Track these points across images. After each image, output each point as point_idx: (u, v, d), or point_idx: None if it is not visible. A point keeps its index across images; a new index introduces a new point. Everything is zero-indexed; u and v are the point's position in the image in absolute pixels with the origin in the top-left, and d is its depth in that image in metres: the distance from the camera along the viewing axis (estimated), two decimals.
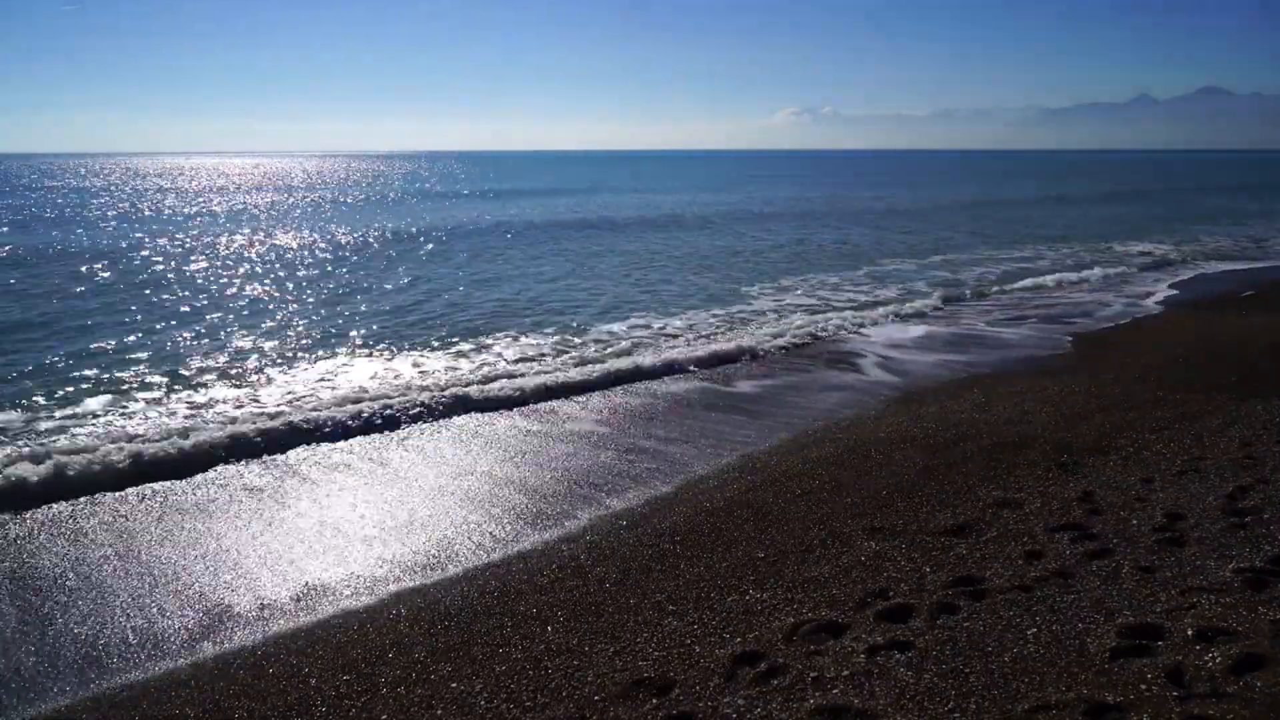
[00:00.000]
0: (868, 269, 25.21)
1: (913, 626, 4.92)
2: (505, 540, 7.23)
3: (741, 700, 4.35)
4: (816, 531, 6.75)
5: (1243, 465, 7.43)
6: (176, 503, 8.14)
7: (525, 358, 14.04)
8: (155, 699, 5.16)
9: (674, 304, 19.44)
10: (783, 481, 8.08)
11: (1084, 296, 19.85)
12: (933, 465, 8.15)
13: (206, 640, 5.82)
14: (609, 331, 16.33)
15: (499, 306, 19.30)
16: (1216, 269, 24.70)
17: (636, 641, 5.22)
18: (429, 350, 14.87)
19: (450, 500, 8.10)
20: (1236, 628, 4.51)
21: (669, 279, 23.40)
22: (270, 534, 7.40)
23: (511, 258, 28.58)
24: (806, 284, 22.14)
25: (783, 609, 5.41)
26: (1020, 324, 16.73)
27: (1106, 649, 4.44)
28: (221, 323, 17.66)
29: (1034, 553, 5.85)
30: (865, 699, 4.21)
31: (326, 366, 13.75)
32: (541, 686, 4.85)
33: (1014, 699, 4.09)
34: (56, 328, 16.80)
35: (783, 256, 28.40)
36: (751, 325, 16.70)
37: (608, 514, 7.69)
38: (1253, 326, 15.25)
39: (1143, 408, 9.79)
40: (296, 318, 18.17)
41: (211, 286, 22.58)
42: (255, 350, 15.01)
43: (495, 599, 6.11)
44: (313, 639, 5.74)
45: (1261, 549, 5.54)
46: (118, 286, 22.15)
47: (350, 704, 4.91)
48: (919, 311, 18.02)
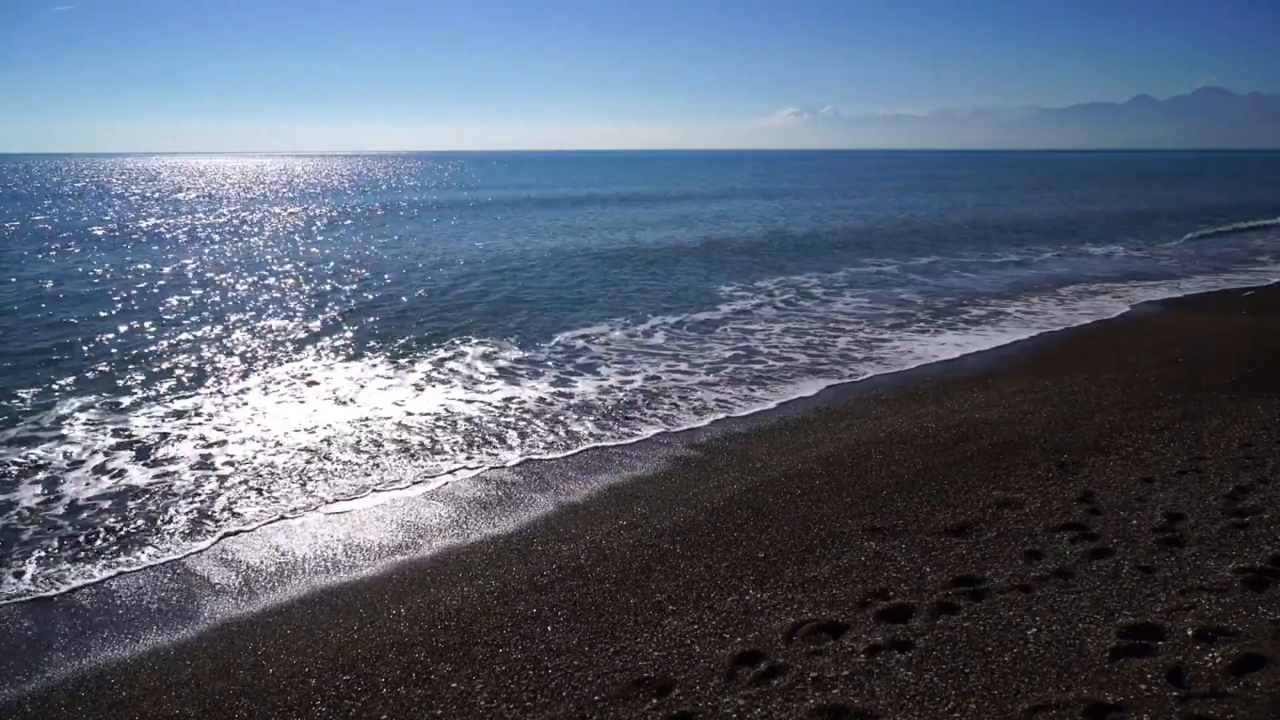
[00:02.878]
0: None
1: (913, 626, 4.92)
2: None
3: (741, 700, 4.35)
4: (816, 531, 6.75)
5: (1243, 465, 7.43)
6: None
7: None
8: (155, 699, 5.16)
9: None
10: (783, 481, 8.07)
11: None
12: (933, 465, 8.15)
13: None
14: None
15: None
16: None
17: (636, 641, 5.22)
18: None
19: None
20: (1236, 628, 4.51)
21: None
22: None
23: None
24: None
25: (783, 609, 5.41)
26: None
27: (1106, 649, 4.44)
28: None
29: (1034, 553, 5.85)
30: (865, 699, 4.21)
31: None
32: (541, 686, 4.85)
33: (1014, 699, 4.10)
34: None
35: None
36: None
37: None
38: (1253, 326, 15.25)
39: (1143, 408, 9.79)
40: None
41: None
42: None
43: (495, 599, 6.11)
44: (313, 638, 5.74)
45: (1261, 549, 5.54)
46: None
47: (350, 704, 4.91)
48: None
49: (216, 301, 20.13)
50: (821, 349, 14.76)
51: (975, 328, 16.50)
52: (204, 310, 18.95)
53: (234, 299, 20.46)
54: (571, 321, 17.38)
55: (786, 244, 31.97)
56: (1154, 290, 20.72)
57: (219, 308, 19.29)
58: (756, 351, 14.58)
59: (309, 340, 15.86)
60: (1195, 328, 15.47)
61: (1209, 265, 25.34)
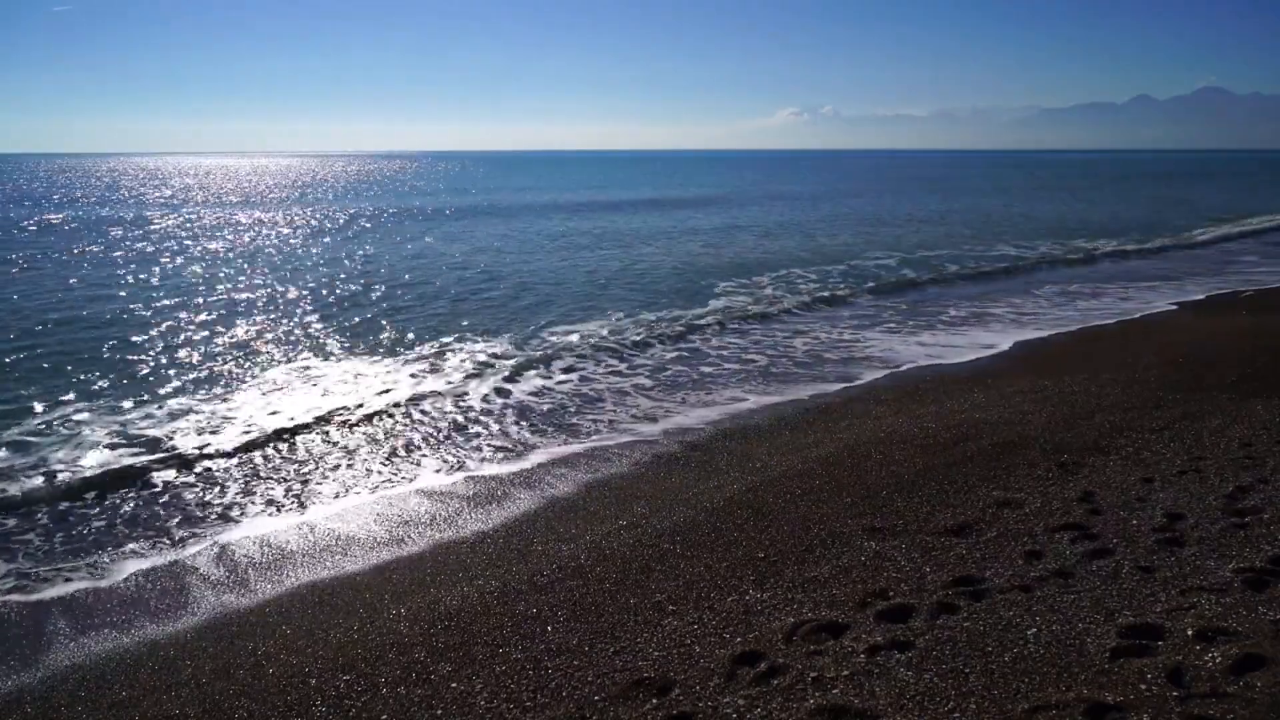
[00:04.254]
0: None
1: (913, 626, 4.92)
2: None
3: (741, 700, 4.35)
4: (816, 531, 6.75)
5: (1243, 465, 7.43)
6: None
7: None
8: (155, 699, 5.16)
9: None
10: (783, 481, 8.07)
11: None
12: (933, 465, 8.15)
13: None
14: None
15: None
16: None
17: (636, 641, 5.22)
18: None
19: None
20: (1236, 628, 4.51)
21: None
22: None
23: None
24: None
25: (783, 609, 5.41)
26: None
27: (1106, 649, 4.44)
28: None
29: (1034, 553, 5.85)
30: (865, 699, 4.21)
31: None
32: (541, 686, 4.85)
33: (1014, 699, 4.10)
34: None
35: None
36: None
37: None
38: (1253, 326, 15.25)
39: (1143, 408, 9.78)
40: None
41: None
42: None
43: (495, 599, 6.11)
44: (313, 638, 5.74)
45: (1261, 549, 5.54)
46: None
47: (350, 704, 4.91)
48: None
49: (218, 303, 20.14)
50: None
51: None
52: (208, 311, 18.96)
53: (237, 300, 20.47)
54: (571, 320, 17.39)
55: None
56: (1154, 290, 20.71)
57: (221, 308, 19.30)
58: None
59: (309, 340, 15.86)
60: (1195, 328, 15.47)
61: (1209, 266, 25.33)
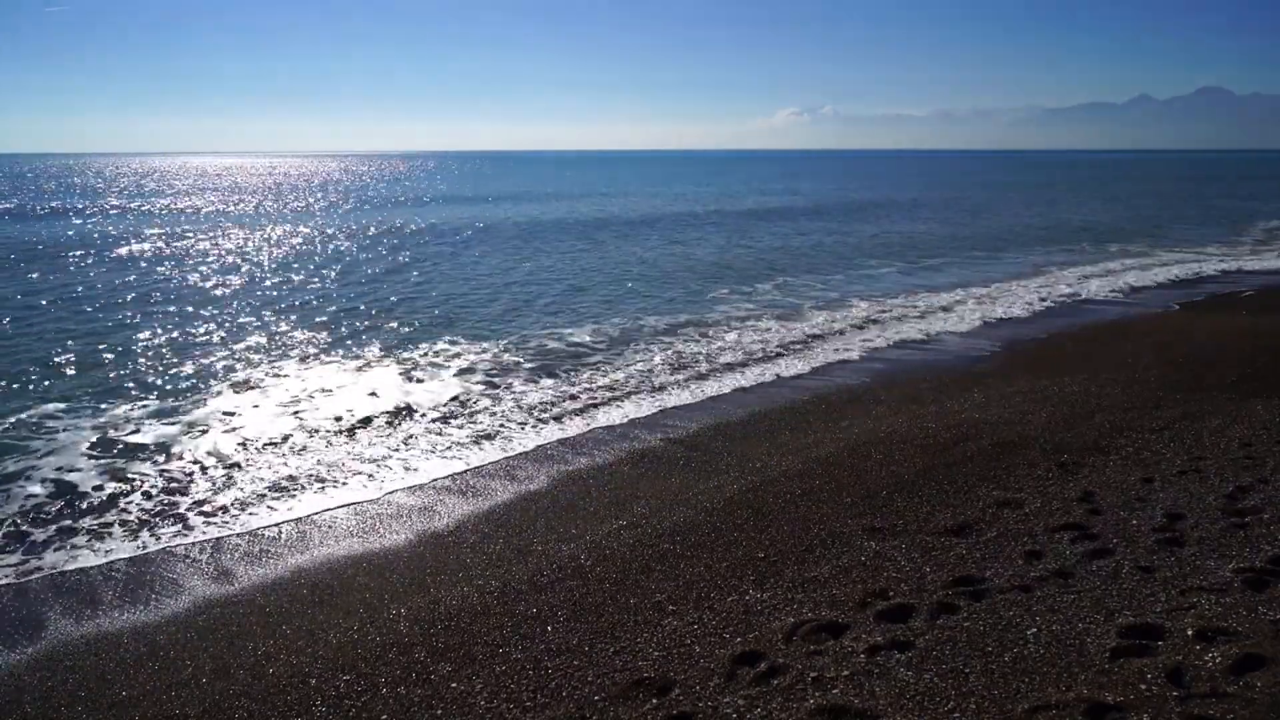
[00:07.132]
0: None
1: (913, 626, 4.92)
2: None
3: (741, 700, 4.35)
4: (816, 531, 6.75)
5: (1243, 465, 7.43)
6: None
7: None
8: (155, 699, 5.16)
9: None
10: (783, 481, 8.07)
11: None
12: (933, 465, 8.15)
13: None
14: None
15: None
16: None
17: (636, 641, 5.22)
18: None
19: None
20: (1236, 628, 4.51)
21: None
22: None
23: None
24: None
25: (783, 609, 5.41)
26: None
27: (1106, 649, 4.44)
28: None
29: (1034, 553, 5.85)
30: (865, 699, 4.21)
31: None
32: (541, 686, 4.85)
33: (1014, 699, 4.10)
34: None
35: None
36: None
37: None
38: (1253, 326, 15.25)
39: (1143, 408, 9.79)
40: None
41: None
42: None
43: (495, 599, 6.11)
44: (313, 638, 5.74)
45: (1261, 549, 5.54)
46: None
47: (350, 704, 4.91)
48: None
49: (220, 302, 20.14)
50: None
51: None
52: (211, 310, 18.96)
53: (242, 301, 20.47)
54: (570, 318, 17.39)
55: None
56: (1152, 290, 20.71)
57: (222, 308, 19.30)
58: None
59: (309, 340, 15.86)
60: (1195, 328, 15.47)
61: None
